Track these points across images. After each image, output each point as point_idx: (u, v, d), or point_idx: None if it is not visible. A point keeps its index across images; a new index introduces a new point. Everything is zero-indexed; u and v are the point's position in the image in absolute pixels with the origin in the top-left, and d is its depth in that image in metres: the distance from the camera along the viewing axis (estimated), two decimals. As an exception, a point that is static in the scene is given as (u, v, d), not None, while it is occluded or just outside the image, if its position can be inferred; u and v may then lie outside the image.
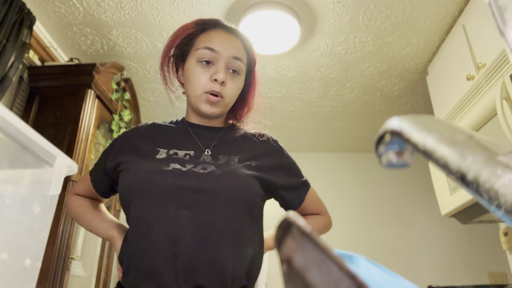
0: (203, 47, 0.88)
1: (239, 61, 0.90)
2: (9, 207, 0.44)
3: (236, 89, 0.91)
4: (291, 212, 0.25)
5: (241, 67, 0.91)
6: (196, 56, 0.89)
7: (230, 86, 0.88)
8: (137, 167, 0.82)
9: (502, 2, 0.29)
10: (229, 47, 0.89)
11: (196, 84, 0.87)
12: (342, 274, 0.19)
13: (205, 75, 0.87)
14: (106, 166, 0.91)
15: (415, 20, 1.94)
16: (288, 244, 0.23)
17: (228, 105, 0.91)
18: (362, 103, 2.71)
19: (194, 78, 0.88)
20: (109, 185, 0.94)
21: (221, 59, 0.87)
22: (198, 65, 0.88)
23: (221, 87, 0.87)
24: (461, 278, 2.86)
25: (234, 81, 0.89)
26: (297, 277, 0.21)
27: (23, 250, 0.45)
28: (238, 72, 0.90)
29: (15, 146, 0.43)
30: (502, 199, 0.19)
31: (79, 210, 0.95)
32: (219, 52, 0.87)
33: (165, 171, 0.79)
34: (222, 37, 0.90)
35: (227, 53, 0.88)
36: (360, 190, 3.30)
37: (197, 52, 0.89)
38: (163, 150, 0.86)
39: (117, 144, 0.93)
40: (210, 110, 0.88)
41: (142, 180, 0.79)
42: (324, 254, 0.21)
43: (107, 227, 0.90)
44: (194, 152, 0.86)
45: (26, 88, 1.95)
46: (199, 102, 0.88)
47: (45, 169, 0.49)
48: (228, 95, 0.88)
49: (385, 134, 0.30)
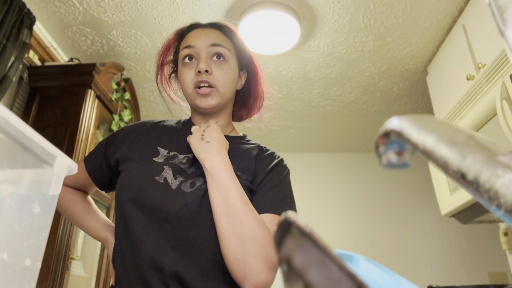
0: (182, 48, 0.90)
1: (219, 46, 0.88)
2: (9, 207, 0.44)
3: (226, 75, 0.88)
4: (291, 212, 0.25)
5: (224, 52, 0.89)
6: (180, 59, 0.90)
7: (219, 74, 0.86)
8: (132, 172, 0.80)
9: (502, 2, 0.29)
10: (203, 38, 0.89)
11: (184, 83, 0.88)
12: (342, 274, 0.19)
13: (190, 72, 0.87)
14: (108, 157, 0.89)
15: (415, 20, 1.94)
16: (288, 244, 0.23)
17: (224, 94, 0.87)
18: (362, 103, 2.71)
19: (182, 78, 0.88)
20: (109, 178, 0.91)
21: (200, 51, 0.87)
22: (183, 66, 0.89)
23: (208, 76, 0.85)
24: (461, 278, 2.86)
25: (221, 68, 0.87)
26: (297, 277, 0.21)
27: (23, 250, 0.45)
28: (224, 58, 0.88)
29: (15, 146, 0.43)
30: (502, 199, 0.19)
31: (68, 204, 0.92)
32: (195, 46, 0.88)
33: (156, 183, 0.77)
34: (196, 33, 0.91)
35: (203, 43, 0.88)
36: (360, 190, 3.30)
37: (179, 55, 0.91)
38: (163, 151, 0.85)
39: (119, 136, 0.92)
40: (205, 103, 0.85)
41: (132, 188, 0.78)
42: (324, 254, 0.21)
43: (100, 228, 0.89)
44: (192, 155, 0.84)
45: (26, 88, 1.95)
46: (193, 99, 0.87)
47: (45, 169, 0.49)
48: (218, 82, 0.86)
49: (385, 134, 0.30)
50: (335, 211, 3.17)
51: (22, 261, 0.44)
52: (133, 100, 2.41)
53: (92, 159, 0.92)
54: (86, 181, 0.93)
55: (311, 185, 3.30)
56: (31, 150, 0.45)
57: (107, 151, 0.90)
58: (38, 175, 0.48)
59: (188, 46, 0.88)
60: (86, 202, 0.95)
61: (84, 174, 0.92)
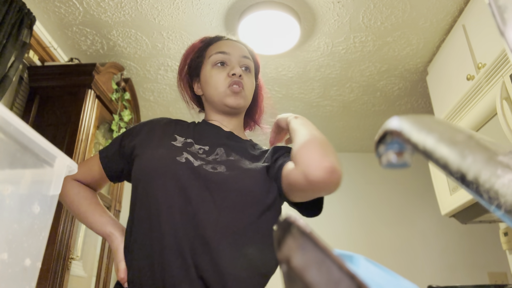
0: (216, 53, 0.98)
1: (248, 59, 1.00)
2: (9, 207, 0.44)
3: (251, 84, 0.99)
4: (291, 212, 0.25)
5: (251, 65, 1.00)
6: (211, 62, 0.98)
7: (246, 81, 0.96)
8: (152, 153, 0.84)
9: (502, 2, 0.29)
10: (237, 48, 1.00)
11: (216, 82, 0.95)
12: (342, 274, 0.19)
13: (222, 74, 0.95)
14: (123, 147, 0.92)
15: (415, 20, 1.94)
16: (288, 244, 0.23)
17: (248, 98, 0.97)
18: (362, 103, 2.71)
19: (213, 79, 0.96)
20: (120, 169, 0.93)
21: (233, 58, 0.97)
22: (214, 68, 0.97)
23: (240, 79, 0.94)
24: (461, 278, 2.86)
25: (248, 77, 0.98)
26: (297, 277, 0.21)
27: (23, 250, 0.45)
28: (250, 70, 1.00)
29: (15, 146, 0.43)
30: (502, 199, 0.19)
31: (75, 198, 0.92)
32: (230, 53, 0.98)
33: (178, 162, 0.81)
34: (229, 42, 1.02)
35: (237, 53, 0.98)
36: (360, 190, 3.30)
37: (210, 58, 0.99)
38: (180, 138, 0.89)
39: (136, 128, 0.96)
40: (236, 101, 0.93)
41: (155, 167, 0.81)
42: (324, 254, 0.21)
43: (104, 222, 0.89)
44: (209, 147, 0.88)
45: (26, 88, 1.95)
46: (224, 98, 0.94)
47: (45, 169, 0.49)
48: (247, 87, 0.96)
49: (385, 134, 0.30)
50: (335, 211, 3.17)
51: (22, 261, 0.44)
52: (133, 100, 2.41)
53: (106, 150, 0.96)
54: (97, 173, 0.95)
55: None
56: (31, 150, 0.45)
57: (123, 142, 0.93)
58: (38, 175, 0.48)
59: (223, 52, 0.98)
60: (93, 197, 0.95)
61: (97, 165, 0.94)
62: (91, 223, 0.90)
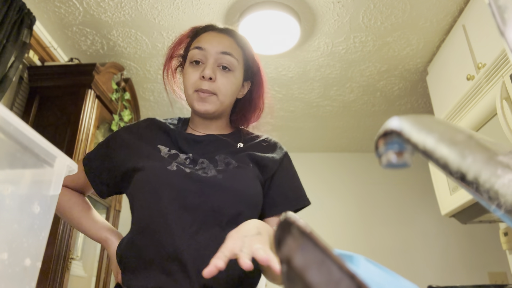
0: (193, 48, 0.91)
1: (228, 55, 0.89)
2: (9, 207, 0.44)
3: (229, 84, 0.89)
4: (291, 212, 0.25)
5: (231, 62, 0.89)
6: (189, 58, 0.91)
7: (222, 82, 0.87)
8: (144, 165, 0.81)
9: (502, 2, 0.29)
10: (216, 43, 0.90)
11: (187, 83, 0.89)
12: (342, 274, 0.19)
13: (195, 74, 0.88)
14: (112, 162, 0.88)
15: (415, 20, 1.94)
16: (288, 244, 0.23)
17: (223, 102, 0.89)
18: (362, 103, 2.71)
19: (186, 78, 0.90)
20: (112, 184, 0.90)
21: (209, 56, 0.88)
22: (190, 66, 0.90)
23: (210, 83, 0.86)
24: (461, 278, 2.86)
25: (226, 77, 0.88)
26: (297, 277, 0.21)
27: (23, 250, 0.45)
28: (230, 68, 0.89)
29: (15, 146, 0.43)
30: (502, 199, 0.19)
31: (66, 204, 0.91)
32: (206, 49, 0.89)
33: (170, 171, 0.79)
34: (210, 36, 0.92)
35: (214, 49, 0.88)
36: (360, 190, 3.30)
37: (189, 54, 0.92)
38: (164, 148, 0.86)
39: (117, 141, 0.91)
40: (203, 107, 0.87)
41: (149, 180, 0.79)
42: (324, 254, 0.21)
43: (99, 228, 0.88)
44: (193, 155, 0.86)
45: (26, 88, 1.95)
46: (192, 101, 0.88)
47: (45, 169, 0.49)
48: (220, 90, 0.87)
49: (385, 134, 0.30)
50: (335, 211, 3.17)
51: (22, 261, 0.44)
52: (133, 100, 2.41)
53: (90, 163, 0.92)
54: (84, 182, 0.92)
55: (310, 185, 3.28)
56: (31, 150, 0.45)
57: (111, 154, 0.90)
58: (38, 175, 0.48)
59: (198, 47, 0.89)
60: (84, 202, 0.94)
61: (80, 176, 0.91)
62: (85, 229, 0.89)
